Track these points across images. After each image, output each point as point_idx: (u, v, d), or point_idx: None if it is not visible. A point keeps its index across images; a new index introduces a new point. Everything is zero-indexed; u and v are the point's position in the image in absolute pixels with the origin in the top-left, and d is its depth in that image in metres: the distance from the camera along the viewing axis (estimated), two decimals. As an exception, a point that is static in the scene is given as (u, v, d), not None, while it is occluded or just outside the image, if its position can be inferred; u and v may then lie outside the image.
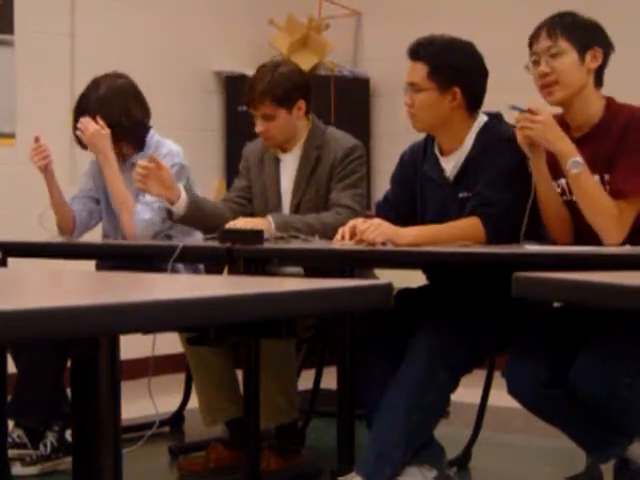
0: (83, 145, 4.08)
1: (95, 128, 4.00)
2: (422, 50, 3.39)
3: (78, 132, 4.04)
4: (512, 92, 3.22)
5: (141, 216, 3.99)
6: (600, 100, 3.21)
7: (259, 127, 3.85)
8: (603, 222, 3.08)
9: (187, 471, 3.88)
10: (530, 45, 3.24)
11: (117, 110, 4.04)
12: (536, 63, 3.21)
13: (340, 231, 3.31)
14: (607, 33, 3.24)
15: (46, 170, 4.03)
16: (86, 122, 4.01)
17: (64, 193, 4.16)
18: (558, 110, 3.24)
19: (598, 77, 3.22)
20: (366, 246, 3.18)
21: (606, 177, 3.15)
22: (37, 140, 4.00)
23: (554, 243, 3.22)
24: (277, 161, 3.94)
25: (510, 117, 3.27)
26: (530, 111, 3.09)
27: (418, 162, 3.53)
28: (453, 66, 3.37)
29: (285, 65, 3.96)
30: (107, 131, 4.01)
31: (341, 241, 3.26)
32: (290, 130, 3.87)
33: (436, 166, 3.47)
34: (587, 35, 3.20)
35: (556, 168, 3.20)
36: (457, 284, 3.48)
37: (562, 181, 3.22)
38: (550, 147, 3.12)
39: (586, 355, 2.95)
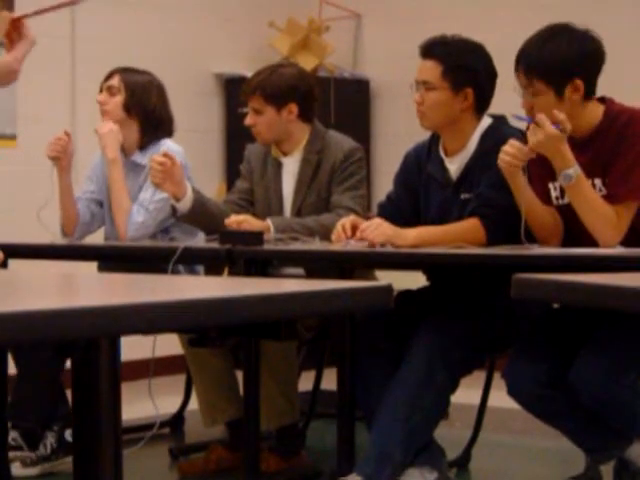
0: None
1: (110, 127, 4.05)
2: (437, 48, 3.37)
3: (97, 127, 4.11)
4: (510, 92, 3.21)
5: (135, 218, 4.00)
6: (596, 108, 3.15)
7: (247, 119, 3.88)
8: (600, 228, 3.05)
9: (187, 472, 3.88)
10: (515, 69, 3.17)
11: (159, 99, 4.14)
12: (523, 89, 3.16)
13: (339, 225, 3.30)
14: (595, 44, 3.12)
15: (58, 162, 4.04)
16: (105, 123, 4.07)
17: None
18: None
19: (588, 91, 3.12)
20: (366, 247, 3.18)
21: (607, 180, 3.14)
22: (66, 134, 4.04)
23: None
24: (279, 165, 3.94)
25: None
26: (535, 123, 3.02)
27: (422, 162, 3.52)
28: (468, 67, 3.36)
29: (288, 67, 3.96)
30: (120, 137, 4.06)
31: (342, 235, 3.26)
32: (278, 130, 3.86)
33: (440, 167, 3.46)
34: (565, 71, 3.09)
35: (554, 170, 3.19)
36: (457, 285, 3.48)
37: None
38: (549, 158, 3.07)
39: (586, 356, 2.95)
